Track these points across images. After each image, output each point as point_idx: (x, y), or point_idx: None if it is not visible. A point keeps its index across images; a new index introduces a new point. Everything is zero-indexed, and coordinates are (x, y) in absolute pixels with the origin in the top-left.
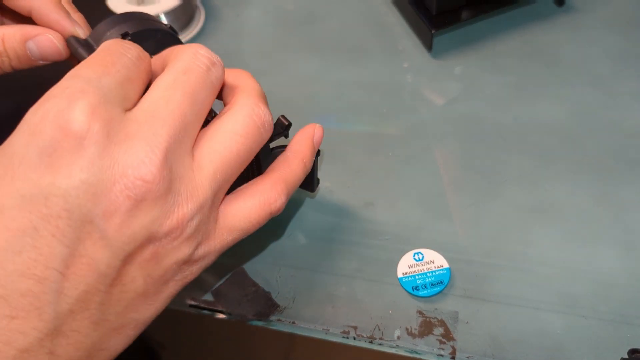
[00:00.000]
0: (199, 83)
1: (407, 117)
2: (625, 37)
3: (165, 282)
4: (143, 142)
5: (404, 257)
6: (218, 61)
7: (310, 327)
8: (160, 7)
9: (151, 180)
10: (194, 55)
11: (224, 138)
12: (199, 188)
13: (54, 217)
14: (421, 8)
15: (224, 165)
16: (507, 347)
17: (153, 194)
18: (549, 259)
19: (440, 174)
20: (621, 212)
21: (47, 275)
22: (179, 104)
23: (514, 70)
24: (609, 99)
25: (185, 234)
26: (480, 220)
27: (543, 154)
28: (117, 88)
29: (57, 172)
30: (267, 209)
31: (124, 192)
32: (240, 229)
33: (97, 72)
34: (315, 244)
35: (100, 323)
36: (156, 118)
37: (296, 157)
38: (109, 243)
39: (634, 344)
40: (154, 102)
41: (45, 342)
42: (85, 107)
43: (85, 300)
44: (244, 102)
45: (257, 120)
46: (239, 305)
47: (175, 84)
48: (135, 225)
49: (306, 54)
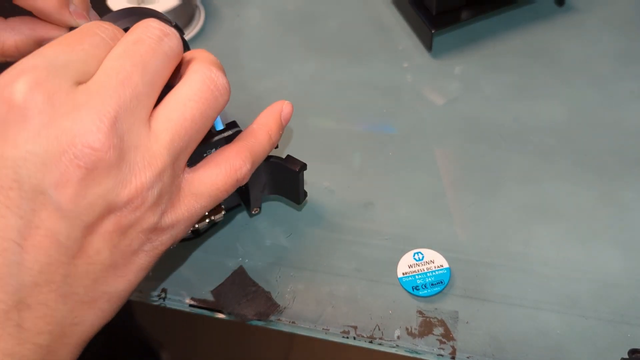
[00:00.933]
0: (150, 52)
1: (408, 117)
2: (625, 37)
3: (134, 252)
4: (91, 111)
5: (404, 257)
6: (172, 32)
7: (310, 327)
8: (159, 7)
9: (99, 148)
10: (145, 27)
11: (177, 105)
12: (157, 156)
13: (5, 188)
14: (421, 8)
15: (180, 131)
16: (507, 347)
17: (104, 163)
18: (549, 259)
19: (440, 174)
20: (621, 212)
21: (5, 246)
22: (128, 74)
23: (514, 70)
24: (609, 99)
25: (147, 202)
26: (480, 220)
27: (543, 154)
28: (76, 64)
29: (4, 144)
30: (233, 175)
31: (73, 162)
32: (208, 195)
33: (57, 51)
34: (315, 244)
35: (68, 296)
36: (105, 88)
37: (261, 129)
38: (65, 214)
39: (634, 344)
40: (104, 73)
41: (12, 315)
42: (29, 79)
43: (49, 272)
44: (197, 67)
45: (210, 85)
46: (239, 305)
47: (124, 53)
48: (91, 195)
49: (306, 54)
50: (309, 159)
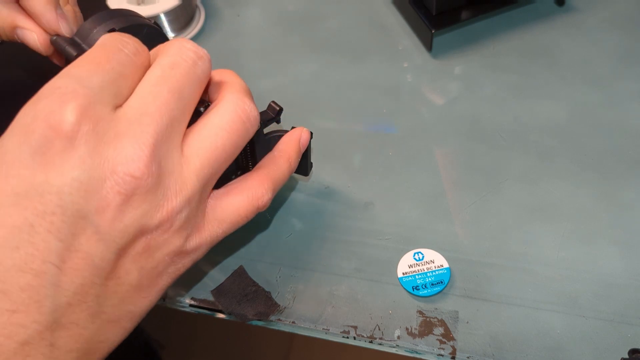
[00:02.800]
0: (186, 78)
1: (408, 117)
2: (625, 37)
3: (159, 274)
4: (132, 140)
5: (404, 257)
6: (205, 55)
7: (310, 327)
8: (160, 7)
9: (140, 177)
10: (180, 49)
11: (210, 133)
12: (187, 182)
13: (49, 213)
14: (421, 8)
15: (210, 159)
16: (507, 347)
17: (142, 189)
18: (549, 259)
19: (440, 174)
20: (621, 212)
21: (45, 269)
22: (166, 100)
23: (514, 70)
24: (609, 99)
25: (175, 226)
26: (480, 220)
27: (543, 154)
28: (109, 86)
29: (50, 170)
30: (255, 204)
31: (114, 188)
32: (230, 222)
33: (89, 71)
34: (315, 244)
35: (97, 315)
36: (144, 115)
37: (282, 157)
38: (102, 237)
39: (634, 344)
40: (142, 99)
41: (45, 335)
42: (75, 108)
43: (83, 293)
44: (230, 97)
45: (242, 115)
46: (239, 305)
47: (162, 79)
48: (127, 219)
49: (306, 54)
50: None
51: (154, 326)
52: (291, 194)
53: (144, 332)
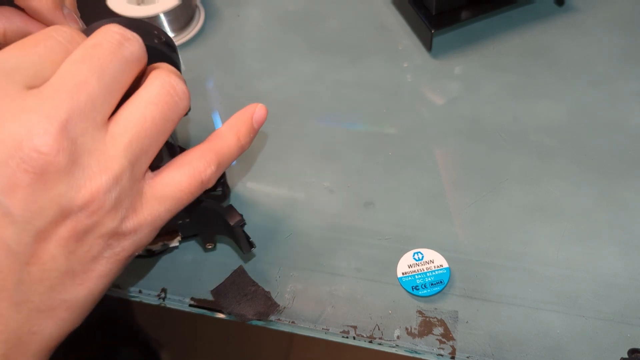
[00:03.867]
0: (108, 56)
1: (407, 117)
2: (625, 37)
3: (93, 259)
4: (40, 115)
5: (404, 257)
6: (133, 37)
7: (310, 326)
8: (159, 7)
9: (47, 152)
10: (105, 31)
11: (137, 107)
12: (113, 159)
13: None
14: (421, 8)
15: (139, 134)
16: (506, 347)
17: (54, 167)
18: (549, 259)
19: (440, 174)
20: (621, 212)
21: None
22: (84, 78)
23: (514, 70)
24: (609, 99)
25: (105, 207)
26: (480, 220)
27: (543, 154)
28: (28, 66)
29: None
30: (198, 177)
31: (21, 166)
32: (172, 198)
33: (9, 54)
34: (315, 243)
35: (22, 304)
36: (59, 91)
37: (230, 131)
38: (14, 219)
39: (634, 344)
40: (60, 77)
41: None
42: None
43: (1, 280)
44: (156, 74)
45: (169, 89)
46: (239, 305)
47: (82, 57)
48: (41, 199)
49: (306, 54)
50: (309, 158)
51: (154, 326)
52: (291, 194)
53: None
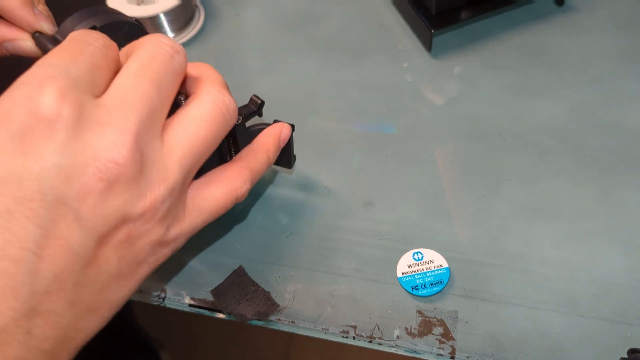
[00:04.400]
0: (164, 69)
1: (407, 117)
2: (625, 37)
3: (139, 263)
4: (114, 127)
5: (404, 257)
6: (181, 49)
7: (310, 326)
8: (159, 7)
9: (123, 163)
10: (158, 43)
11: (191, 124)
12: (170, 171)
13: (28, 199)
14: (421, 8)
15: (192, 149)
16: (506, 347)
17: (125, 177)
18: (548, 259)
19: (440, 174)
20: (621, 212)
21: (22, 256)
22: (146, 90)
23: (513, 70)
24: (609, 99)
25: (157, 216)
26: (479, 219)
27: (543, 154)
28: (86, 74)
29: (30, 156)
30: (234, 194)
31: (96, 175)
32: (209, 211)
33: (65, 60)
34: (315, 243)
35: (75, 303)
36: (125, 104)
37: (261, 149)
38: (83, 224)
39: (634, 344)
40: (123, 89)
41: (22, 322)
42: (55, 92)
43: (61, 281)
44: (208, 89)
45: (222, 107)
46: (239, 305)
47: (141, 71)
48: (109, 206)
49: (306, 54)
50: (309, 159)
51: (154, 326)
52: (291, 194)
53: (143, 332)
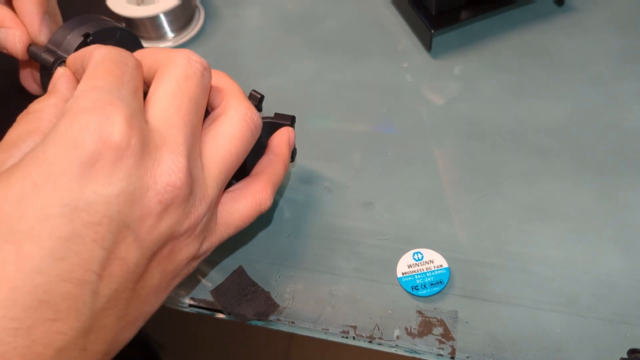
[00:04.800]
0: (199, 88)
1: (407, 117)
2: (625, 37)
3: (175, 276)
4: (169, 151)
5: (404, 257)
6: (208, 65)
7: (310, 327)
8: (159, 7)
9: (179, 186)
10: (189, 61)
11: (224, 142)
12: (209, 188)
13: (96, 223)
14: (421, 8)
15: (226, 166)
16: (506, 347)
17: (179, 198)
18: (548, 259)
19: (439, 174)
20: (621, 212)
21: (87, 278)
22: (187, 111)
23: (513, 70)
24: (609, 99)
25: (197, 231)
26: (479, 219)
27: (543, 154)
28: (134, 99)
29: (99, 182)
30: (258, 208)
31: (155, 198)
32: (236, 226)
33: (113, 83)
34: (315, 244)
35: (122, 318)
36: (172, 127)
37: (279, 160)
38: (140, 244)
39: (634, 344)
40: (165, 111)
41: (79, 340)
42: (123, 120)
43: (116, 298)
44: (237, 106)
45: (250, 123)
46: (239, 305)
47: (179, 91)
48: (163, 226)
49: (306, 54)
50: (309, 159)
51: (154, 326)
52: (291, 194)
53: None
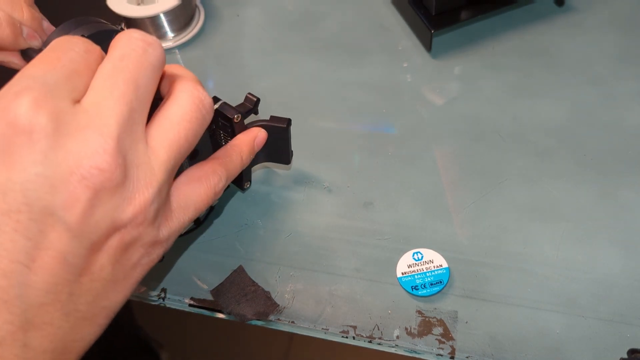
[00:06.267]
0: (138, 67)
1: (407, 117)
2: (624, 37)
3: (133, 267)
4: (95, 132)
5: (404, 257)
6: (155, 41)
7: (310, 326)
8: (159, 7)
9: (107, 169)
10: (128, 40)
11: (172, 124)
12: (156, 173)
13: (14, 211)
14: (421, 8)
15: (175, 149)
16: (506, 347)
17: (111, 182)
18: (548, 259)
19: (439, 174)
20: (621, 212)
21: (13, 269)
22: (122, 91)
23: (513, 70)
24: (609, 99)
25: (148, 218)
26: (479, 220)
27: (542, 154)
28: (64, 82)
29: (12, 168)
30: (212, 189)
31: (81, 182)
32: (194, 208)
33: (42, 69)
34: (315, 243)
35: (71, 314)
36: (103, 108)
37: (234, 150)
38: (74, 234)
39: (634, 344)
40: (98, 92)
41: (18, 335)
42: (29, 101)
43: (55, 292)
44: (184, 87)
45: (199, 104)
46: (239, 305)
47: (114, 71)
48: (98, 213)
49: (306, 54)
50: (309, 159)
51: (153, 326)
52: (290, 194)
53: (143, 332)
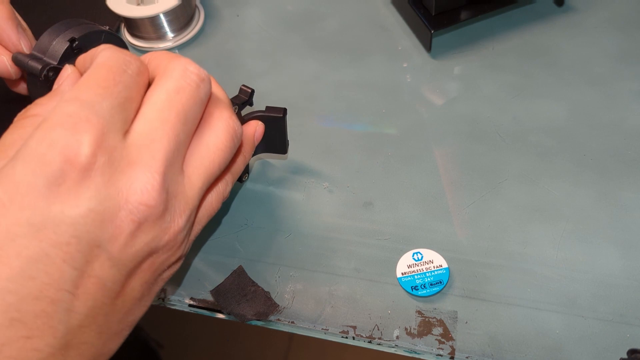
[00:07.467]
0: (190, 102)
1: (407, 117)
2: (625, 37)
3: (156, 282)
4: (143, 169)
5: (403, 257)
6: (207, 77)
7: (310, 327)
8: (159, 7)
9: (153, 205)
10: (184, 72)
11: (208, 153)
12: (190, 201)
13: (64, 243)
14: (420, 8)
15: (208, 176)
16: (506, 347)
17: (153, 216)
18: (548, 259)
19: (439, 174)
20: (621, 212)
21: (59, 296)
22: (172, 125)
23: (513, 70)
24: (608, 99)
25: (178, 242)
26: (479, 220)
27: (542, 154)
28: (119, 112)
29: (65, 202)
30: (221, 197)
31: (128, 217)
32: (206, 218)
33: (99, 95)
34: (315, 244)
35: (104, 332)
36: (153, 142)
37: (238, 152)
38: (114, 263)
39: (634, 344)
40: (149, 124)
41: (57, 356)
42: (91, 140)
43: (94, 315)
44: (221, 115)
45: (233, 134)
46: (238, 305)
47: (168, 104)
48: (138, 244)
49: (306, 54)
50: (309, 159)
51: (153, 326)
52: (290, 194)
53: (143, 332)
